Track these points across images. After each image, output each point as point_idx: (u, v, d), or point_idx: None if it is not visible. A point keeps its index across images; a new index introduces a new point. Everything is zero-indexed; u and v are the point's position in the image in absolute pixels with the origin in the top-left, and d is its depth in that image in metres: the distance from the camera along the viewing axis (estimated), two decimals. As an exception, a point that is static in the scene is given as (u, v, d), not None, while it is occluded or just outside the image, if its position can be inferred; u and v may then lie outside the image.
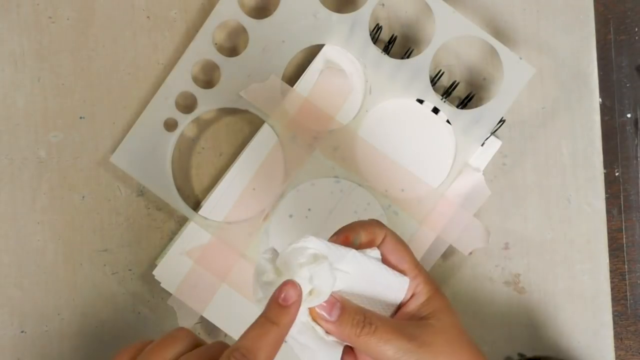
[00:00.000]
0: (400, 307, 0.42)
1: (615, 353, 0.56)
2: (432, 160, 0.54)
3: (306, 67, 0.53)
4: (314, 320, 0.39)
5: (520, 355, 0.55)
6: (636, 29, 0.58)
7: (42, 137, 0.54)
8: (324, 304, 0.39)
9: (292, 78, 0.54)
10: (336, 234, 0.42)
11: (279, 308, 0.37)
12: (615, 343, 0.56)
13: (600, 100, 0.56)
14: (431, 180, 0.53)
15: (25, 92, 0.54)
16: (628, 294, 0.58)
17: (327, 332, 0.40)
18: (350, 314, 0.39)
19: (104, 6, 0.54)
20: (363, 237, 0.41)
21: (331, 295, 0.39)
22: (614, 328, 0.56)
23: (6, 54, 0.54)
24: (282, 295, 0.37)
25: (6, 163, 0.54)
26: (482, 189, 0.53)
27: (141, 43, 0.54)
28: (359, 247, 0.41)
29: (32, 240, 0.54)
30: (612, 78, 0.58)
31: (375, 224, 0.43)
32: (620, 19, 0.58)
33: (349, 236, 0.41)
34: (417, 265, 0.42)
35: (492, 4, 0.56)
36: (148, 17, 0.55)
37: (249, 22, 0.53)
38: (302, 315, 0.39)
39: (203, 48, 0.53)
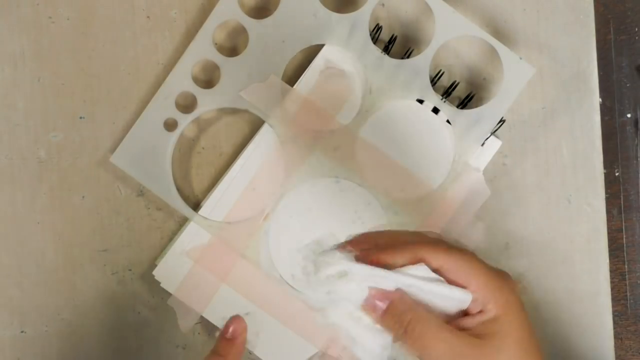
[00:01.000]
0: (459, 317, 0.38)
1: (615, 353, 0.56)
2: (432, 160, 0.54)
3: (306, 67, 0.53)
4: (365, 310, 0.38)
5: None
6: (636, 29, 0.58)
7: (42, 137, 0.54)
8: (376, 293, 0.37)
9: (292, 78, 0.54)
10: (364, 242, 0.39)
11: (225, 342, 0.41)
12: (615, 343, 0.56)
13: (600, 100, 0.56)
14: (431, 180, 0.53)
15: (25, 92, 0.54)
16: (628, 294, 0.58)
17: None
18: (395, 313, 0.37)
19: (104, 6, 0.54)
20: (399, 261, 0.37)
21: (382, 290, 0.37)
22: (614, 328, 0.56)
23: (6, 54, 0.54)
24: (230, 331, 0.41)
25: (6, 163, 0.54)
26: (482, 189, 0.53)
27: (141, 43, 0.54)
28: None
29: (32, 240, 0.54)
30: (612, 78, 0.58)
31: (424, 244, 0.38)
32: (620, 19, 0.58)
33: (380, 259, 0.38)
34: (489, 284, 0.37)
35: (492, 4, 0.56)
36: (148, 17, 0.55)
37: (249, 22, 0.53)
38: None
39: (203, 48, 0.53)
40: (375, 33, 0.54)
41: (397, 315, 0.37)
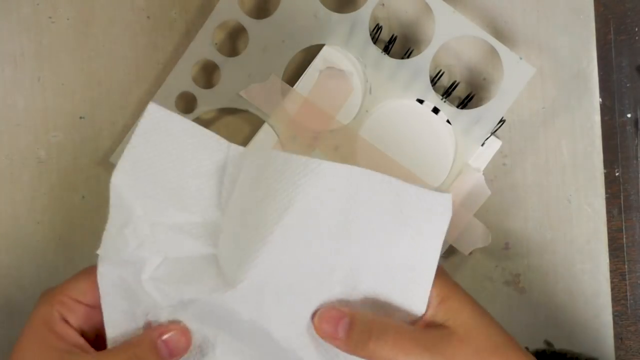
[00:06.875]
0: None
1: (616, 353, 0.56)
2: (432, 160, 0.54)
3: (306, 67, 0.53)
4: (324, 339, 0.37)
5: (548, 343, 0.54)
6: (636, 29, 0.58)
7: (42, 137, 0.54)
8: (330, 317, 0.37)
9: (292, 78, 0.54)
10: None
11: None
12: (615, 343, 0.56)
13: (600, 100, 0.56)
14: (431, 180, 0.53)
15: (25, 92, 0.54)
16: (628, 294, 0.58)
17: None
18: (357, 328, 0.37)
19: (104, 6, 0.54)
20: None
21: (336, 309, 0.37)
22: (614, 328, 0.56)
23: (6, 54, 0.54)
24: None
25: (6, 163, 0.54)
26: (482, 189, 0.53)
27: (141, 43, 0.54)
28: None
29: (32, 240, 0.53)
30: (612, 78, 0.58)
31: None
32: (620, 19, 0.58)
33: None
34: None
35: (492, 4, 0.56)
36: (148, 17, 0.55)
37: (249, 22, 0.53)
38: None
39: (203, 48, 0.53)
40: (375, 33, 0.54)
41: (358, 335, 0.37)
